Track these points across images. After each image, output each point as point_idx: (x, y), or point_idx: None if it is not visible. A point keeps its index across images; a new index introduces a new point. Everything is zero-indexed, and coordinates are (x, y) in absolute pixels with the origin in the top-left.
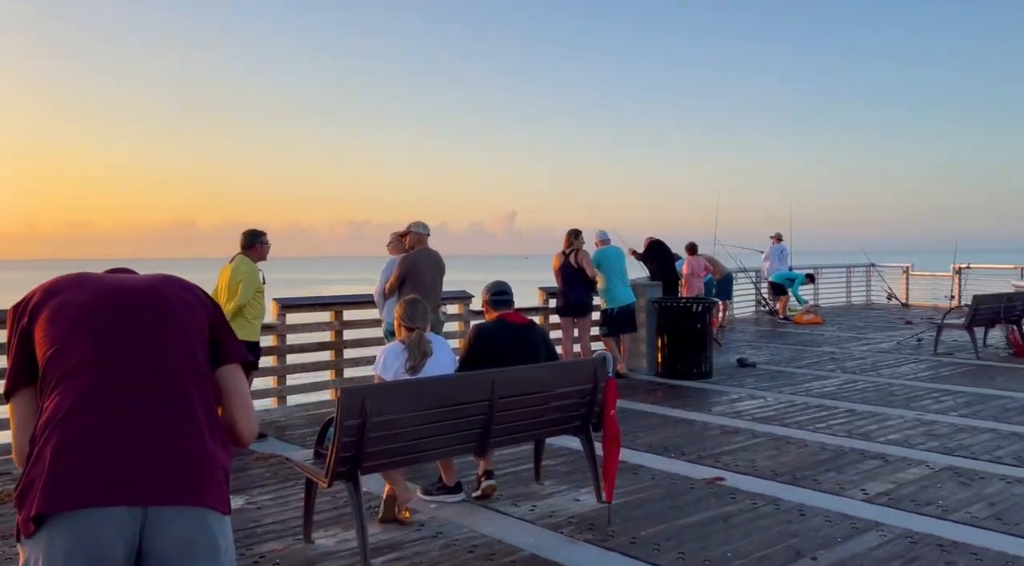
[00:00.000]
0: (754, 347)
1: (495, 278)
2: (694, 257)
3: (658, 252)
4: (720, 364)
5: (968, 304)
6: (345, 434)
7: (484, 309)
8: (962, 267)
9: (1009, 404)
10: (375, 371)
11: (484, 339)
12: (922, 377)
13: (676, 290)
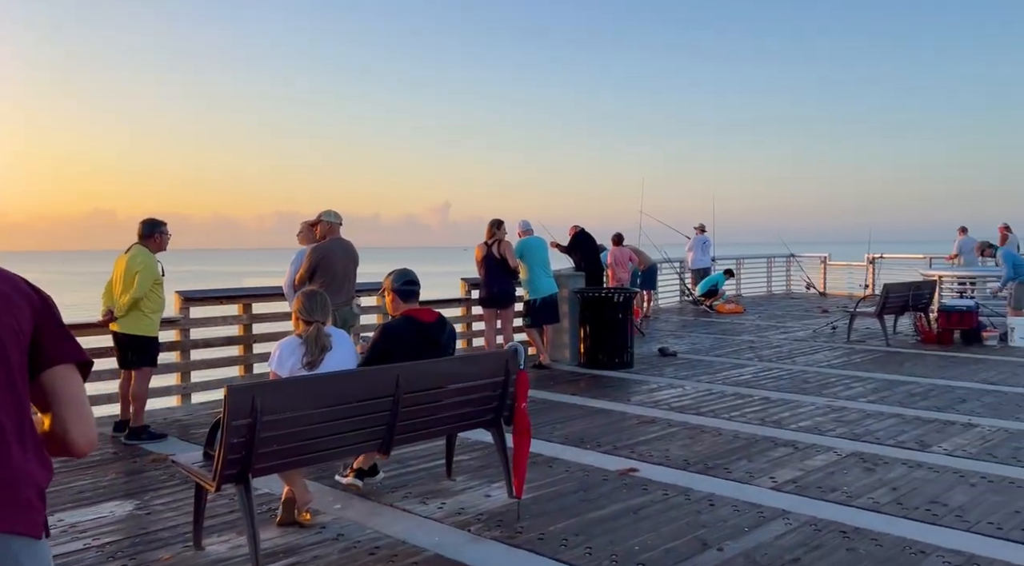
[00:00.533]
0: (676, 336)
1: (432, 271)
2: (619, 248)
3: (583, 243)
4: (642, 354)
5: (880, 293)
6: (233, 435)
7: (388, 298)
8: (875, 257)
9: (914, 389)
10: (270, 367)
11: (390, 339)
12: (835, 364)
13: (600, 281)
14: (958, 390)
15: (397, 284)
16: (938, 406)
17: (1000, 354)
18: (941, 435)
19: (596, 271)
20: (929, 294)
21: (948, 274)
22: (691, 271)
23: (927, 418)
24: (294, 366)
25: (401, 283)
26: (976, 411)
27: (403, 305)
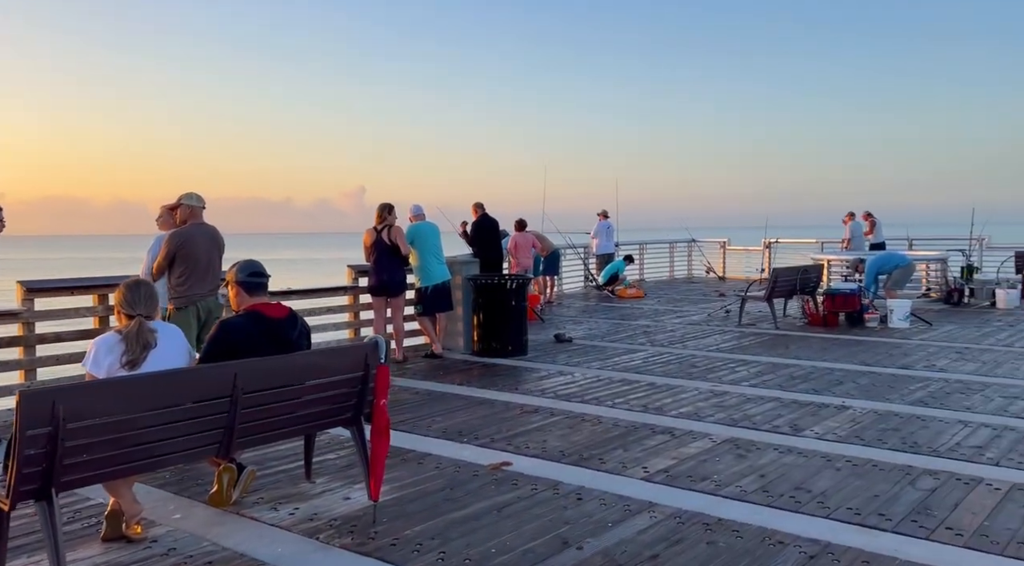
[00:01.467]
0: (576, 322)
1: (348, 257)
2: (521, 233)
3: (488, 228)
4: (538, 341)
5: (769, 277)
6: (29, 446)
7: (232, 292)
8: (771, 242)
9: (796, 372)
10: (85, 367)
11: (229, 338)
12: (723, 348)
13: (500, 267)
14: (836, 372)
15: (242, 276)
16: (816, 389)
17: (879, 335)
18: (815, 418)
19: (496, 257)
20: (816, 278)
21: (835, 258)
22: (595, 257)
23: (804, 401)
24: (112, 366)
25: (246, 274)
26: (851, 393)
27: (249, 299)
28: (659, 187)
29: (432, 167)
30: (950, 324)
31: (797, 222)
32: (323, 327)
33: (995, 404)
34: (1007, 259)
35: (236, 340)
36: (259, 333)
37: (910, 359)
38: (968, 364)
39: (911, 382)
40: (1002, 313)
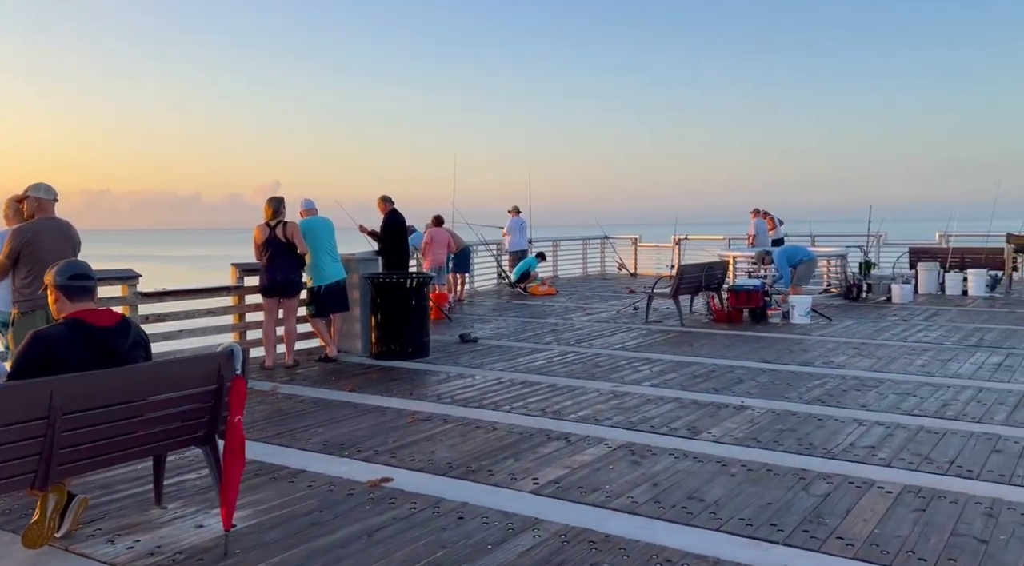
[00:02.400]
0: (485, 321)
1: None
2: (437, 229)
3: (396, 224)
4: (443, 341)
5: (675, 274)
6: None
7: (51, 298)
8: (681, 239)
9: (698, 371)
10: None
11: (45, 351)
12: (629, 346)
13: (407, 264)
14: (738, 370)
15: (61, 279)
16: (716, 388)
17: (781, 331)
18: (713, 420)
19: (404, 254)
20: (722, 274)
21: (740, 255)
22: (508, 254)
23: (703, 401)
24: None
25: (66, 277)
26: (750, 392)
27: (71, 305)
28: (573, 183)
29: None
30: (849, 319)
31: (707, 219)
32: (203, 331)
33: (888, 401)
34: (902, 255)
35: (54, 353)
36: (82, 344)
37: (809, 355)
38: (864, 360)
39: (810, 379)
40: (897, 307)
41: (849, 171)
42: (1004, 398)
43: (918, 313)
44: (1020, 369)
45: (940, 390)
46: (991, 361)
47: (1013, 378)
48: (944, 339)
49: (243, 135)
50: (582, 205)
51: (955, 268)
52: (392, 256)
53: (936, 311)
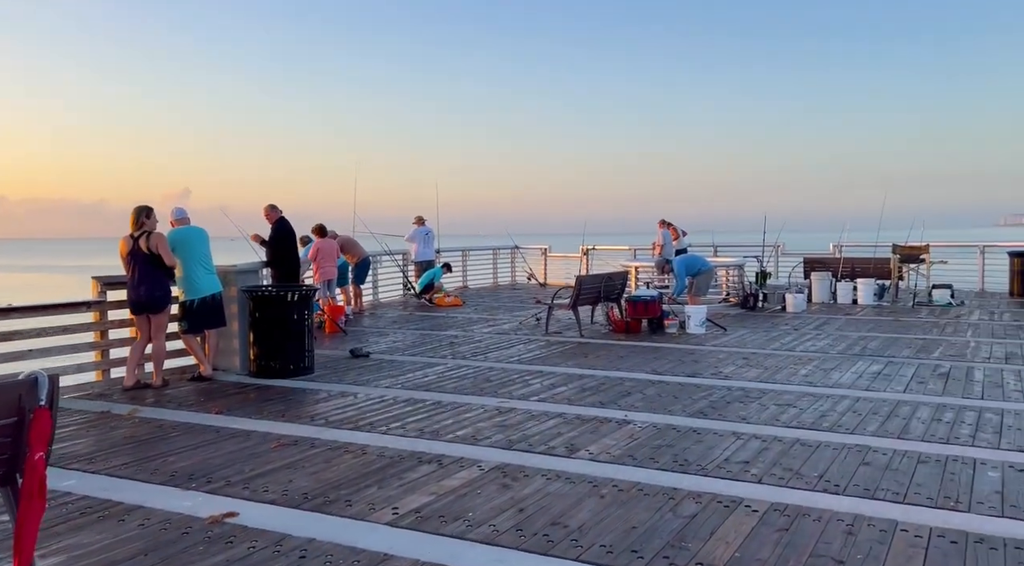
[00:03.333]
0: (382, 334)
1: None
2: (325, 240)
3: (287, 233)
4: (333, 356)
5: (573, 285)
6: None
7: None
8: (589, 249)
9: (588, 383)
10: None
11: None
12: (524, 359)
13: (298, 276)
14: (627, 382)
15: None
16: (603, 401)
17: (676, 342)
18: (593, 436)
19: (295, 265)
20: (621, 285)
21: (642, 265)
22: (414, 264)
23: (587, 417)
24: None
25: None
26: (635, 405)
27: None
28: (483, 192)
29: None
30: (743, 329)
31: (615, 228)
32: (59, 350)
33: (768, 413)
34: (797, 265)
35: None
36: None
37: (699, 366)
38: (752, 370)
39: (696, 391)
40: (791, 316)
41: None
42: (878, 408)
43: (809, 322)
44: (896, 378)
45: (820, 401)
46: (871, 370)
47: (889, 387)
48: (830, 348)
49: (154, 141)
50: (494, 214)
51: (846, 278)
52: (283, 267)
53: (826, 320)
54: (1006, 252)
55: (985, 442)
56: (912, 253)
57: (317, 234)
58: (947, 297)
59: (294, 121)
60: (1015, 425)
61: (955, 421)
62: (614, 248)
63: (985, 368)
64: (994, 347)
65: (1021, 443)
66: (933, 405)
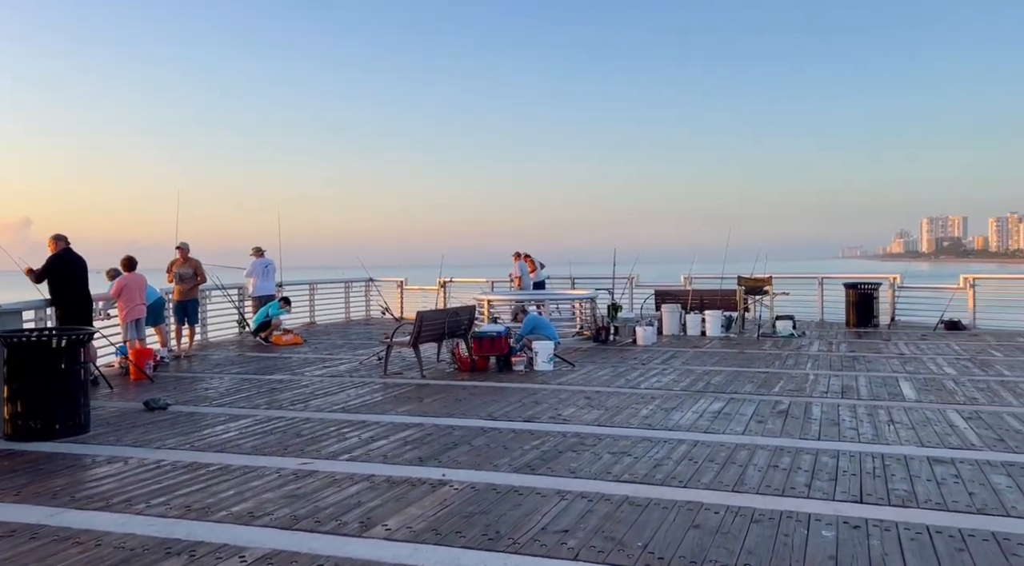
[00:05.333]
0: (197, 380)
1: None
2: (132, 275)
3: (67, 265)
4: (123, 410)
5: (414, 321)
6: None
7: None
8: (446, 281)
9: (413, 435)
10: None
11: None
12: (350, 406)
13: (90, 316)
14: (457, 431)
15: None
16: (422, 457)
17: (521, 381)
18: (399, 503)
19: (80, 304)
20: (469, 320)
21: (496, 298)
22: (253, 299)
23: (399, 478)
24: None
25: None
26: (458, 460)
27: None
28: (336, 224)
29: (107, 197)
30: (592, 364)
31: (473, 260)
32: None
33: (601, 464)
34: (648, 297)
35: None
36: None
37: (539, 409)
38: (592, 411)
39: (529, 439)
40: (640, 350)
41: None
42: (715, 454)
43: (657, 356)
44: (736, 417)
45: (656, 447)
46: (712, 409)
47: (728, 428)
48: (674, 384)
49: None
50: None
51: (695, 309)
52: (63, 306)
53: (674, 353)
54: (842, 284)
55: (820, 492)
56: (756, 285)
57: (124, 267)
58: (789, 328)
59: (124, 142)
60: (849, 469)
61: (791, 467)
62: (472, 280)
63: (823, 403)
64: (831, 380)
65: (855, 491)
66: (771, 449)
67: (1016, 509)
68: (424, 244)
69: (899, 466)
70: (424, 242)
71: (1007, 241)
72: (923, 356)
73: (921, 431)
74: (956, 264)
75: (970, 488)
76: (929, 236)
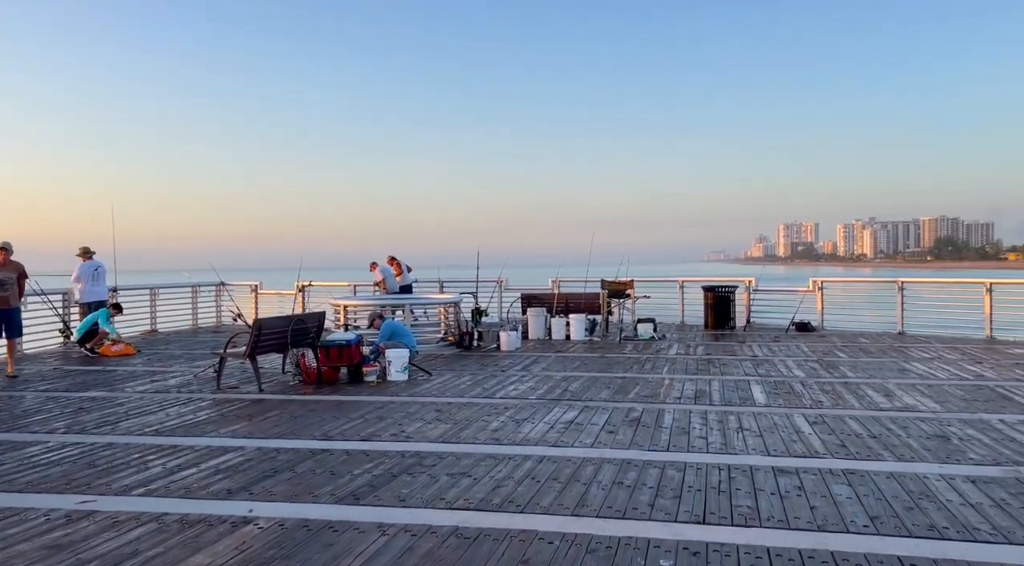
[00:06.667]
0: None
1: None
2: None
3: None
4: None
5: (251, 329)
6: None
7: None
8: (305, 285)
9: (229, 461)
10: None
11: None
12: (166, 428)
13: None
14: (282, 455)
15: None
16: (231, 489)
17: (371, 393)
18: (184, 551)
19: None
20: (317, 327)
21: (353, 303)
22: (80, 306)
23: (196, 517)
24: None
25: None
26: (272, 491)
27: None
28: (183, 225)
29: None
30: (450, 372)
31: (336, 263)
32: None
33: (437, 487)
34: (515, 300)
35: None
36: None
37: (382, 425)
38: (440, 426)
39: (363, 462)
40: (504, 355)
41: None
42: (560, 471)
43: (519, 362)
44: (587, 427)
45: (500, 464)
46: (565, 418)
47: (578, 440)
48: (531, 393)
49: None
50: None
51: (561, 313)
52: None
53: (536, 358)
54: (701, 287)
55: (663, 512)
56: (619, 288)
57: None
58: (650, 331)
59: None
60: (695, 485)
61: (636, 484)
62: (334, 284)
63: (675, 410)
64: (686, 385)
65: (698, 510)
66: (617, 463)
67: (855, 523)
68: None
69: (744, 478)
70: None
71: (853, 246)
72: (775, 358)
73: (768, 438)
74: (809, 267)
75: (812, 501)
76: (786, 241)
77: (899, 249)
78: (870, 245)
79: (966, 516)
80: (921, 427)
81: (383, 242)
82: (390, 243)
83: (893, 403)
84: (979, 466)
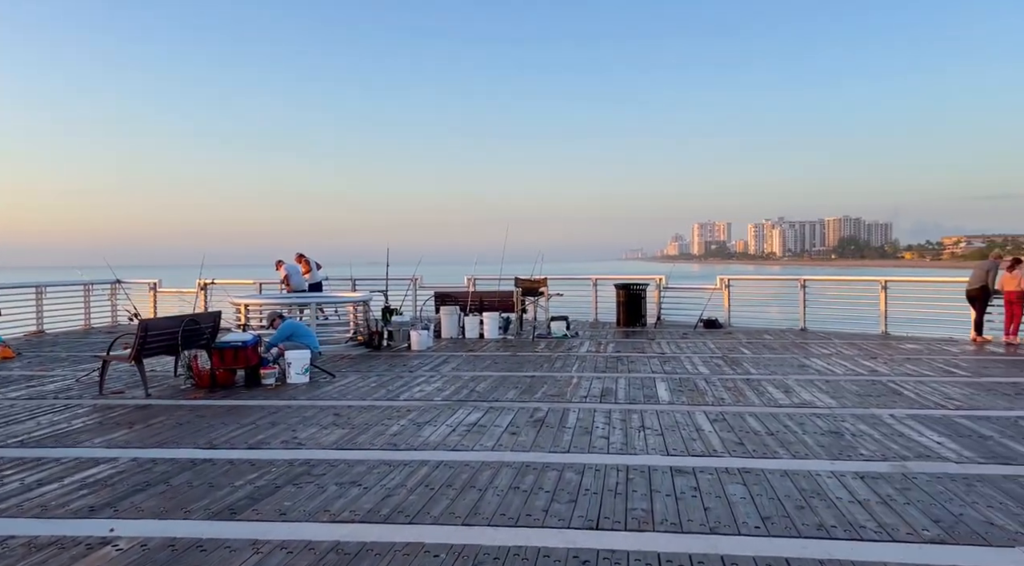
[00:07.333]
0: None
1: None
2: None
3: None
4: None
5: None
6: None
7: None
8: (207, 283)
9: (99, 473)
10: None
11: None
12: (33, 439)
13: None
14: (159, 466)
15: None
16: (93, 506)
17: (267, 396)
18: None
19: None
20: (212, 328)
21: (254, 301)
22: None
23: (47, 539)
24: None
25: None
26: (140, 507)
27: None
28: (74, 220)
29: None
30: (355, 373)
31: (241, 260)
32: None
33: (323, 498)
34: (428, 299)
35: None
36: None
37: (274, 431)
38: (336, 431)
39: (247, 472)
40: (413, 356)
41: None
42: (456, 476)
43: (428, 362)
44: (490, 429)
45: (394, 471)
46: (468, 420)
47: (479, 443)
48: (437, 394)
49: None
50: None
51: (475, 311)
52: None
53: (447, 358)
54: (613, 285)
55: (557, 518)
56: (532, 286)
57: None
58: (563, 329)
59: None
60: (592, 487)
61: (533, 488)
62: (238, 282)
63: (580, 409)
64: (593, 383)
65: (593, 515)
66: (516, 466)
67: (747, 525)
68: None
69: (642, 480)
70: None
71: (763, 245)
72: (682, 355)
73: (669, 437)
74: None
75: (707, 502)
76: (700, 240)
77: (806, 248)
78: (779, 244)
79: (854, 514)
80: (817, 423)
81: (296, 239)
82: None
83: (791, 399)
84: (868, 462)
